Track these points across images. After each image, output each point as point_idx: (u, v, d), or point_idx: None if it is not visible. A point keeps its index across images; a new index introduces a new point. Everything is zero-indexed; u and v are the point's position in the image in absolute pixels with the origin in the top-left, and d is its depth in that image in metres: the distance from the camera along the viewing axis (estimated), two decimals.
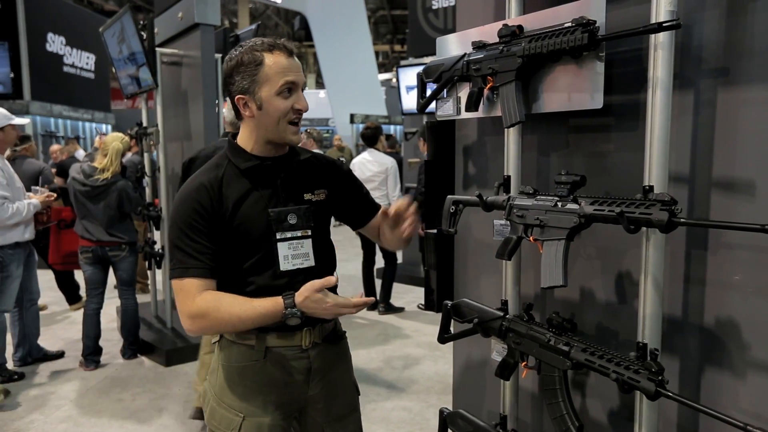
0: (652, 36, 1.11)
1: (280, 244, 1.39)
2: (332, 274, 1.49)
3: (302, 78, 1.38)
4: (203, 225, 1.35)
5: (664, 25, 1.05)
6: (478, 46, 1.51)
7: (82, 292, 4.13)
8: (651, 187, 1.12)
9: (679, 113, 1.21)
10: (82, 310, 4.06)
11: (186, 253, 1.34)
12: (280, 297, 1.31)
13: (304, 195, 1.46)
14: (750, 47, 1.12)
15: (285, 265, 1.40)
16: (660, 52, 1.10)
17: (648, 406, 1.16)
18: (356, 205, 1.61)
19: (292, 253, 1.41)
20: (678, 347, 1.28)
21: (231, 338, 1.44)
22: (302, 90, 1.39)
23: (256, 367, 1.42)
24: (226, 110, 3.28)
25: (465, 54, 1.55)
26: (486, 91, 1.52)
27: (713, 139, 1.19)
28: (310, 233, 1.44)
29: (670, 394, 1.07)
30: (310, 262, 1.43)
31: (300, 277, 1.40)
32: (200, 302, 1.32)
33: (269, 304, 1.30)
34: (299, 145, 1.51)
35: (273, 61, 1.33)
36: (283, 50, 1.35)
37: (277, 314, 1.30)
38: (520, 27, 1.40)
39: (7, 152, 4.12)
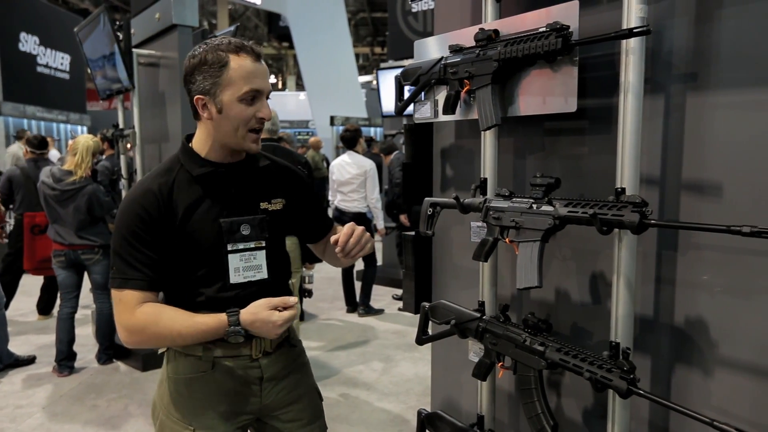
0: (624, 42, 1.13)
1: (231, 256, 1.34)
2: (286, 286, 1.46)
3: (268, 85, 1.32)
4: (147, 233, 1.28)
5: (634, 31, 1.08)
6: (455, 49, 1.52)
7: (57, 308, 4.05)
8: (623, 190, 1.15)
9: (650, 117, 1.24)
10: (53, 319, 3.99)
11: (127, 263, 1.28)
12: (224, 314, 1.26)
13: (261, 204, 1.40)
14: (717, 53, 1.15)
15: (235, 278, 1.34)
16: (631, 57, 1.13)
17: (620, 404, 1.19)
18: (312, 220, 1.57)
19: (244, 265, 1.35)
20: (650, 346, 1.31)
21: (178, 349, 1.39)
22: (267, 97, 1.33)
23: (204, 379, 1.37)
24: None
25: (442, 57, 1.56)
26: (463, 95, 1.53)
27: (683, 143, 1.22)
28: (264, 244, 1.38)
29: (642, 392, 1.09)
30: (263, 274, 1.38)
31: (252, 288, 1.36)
32: (139, 315, 1.27)
33: (212, 322, 1.26)
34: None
35: (238, 64, 1.26)
36: (250, 54, 1.28)
37: (219, 331, 1.26)
38: (496, 31, 1.42)
39: None
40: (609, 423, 1.21)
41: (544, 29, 1.26)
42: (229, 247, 1.34)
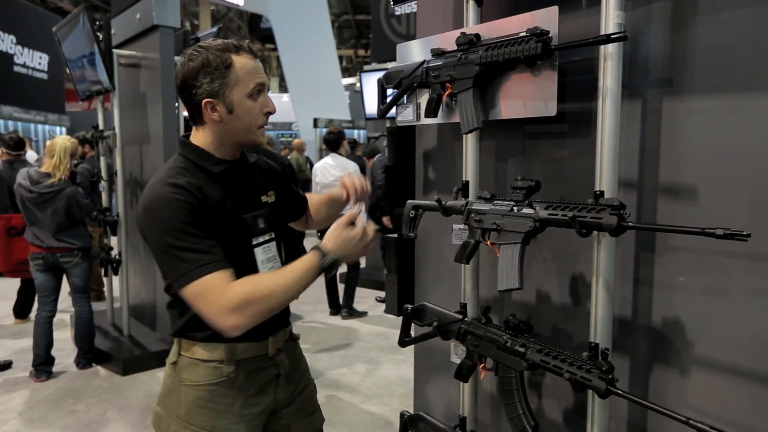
0: (602, 47, 1.15)
1: (256, 249, 1.37)
2: None
3: (267, 80, 1.38)
4: (198, 221, 1.23)
5: (612, 36, 1.10)
6: (437, 53, 1.54)
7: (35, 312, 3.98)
8: (602, 193, 1.17)
9: (627, 121, 1.27)
10: (31, 323, 3.92)
11: (195, 251, 1.20)
12: (310, 252, 1.26)
13: (261, 198, 1.44)
14: (692, 59, 1.18)
15: (263, 270, 1.37)
16: (609, 62, 1.15)
17: (599, 404, 1.20)
18: (293, 201, 1.63)
19: (266, 256, 1.39)
20: (628, 347, 1.33)
21: (195, 357, 1.36)
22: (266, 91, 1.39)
23: (227, 383, 1.36)
24: None
25: (424, 61, 1.58)
26: (445, 98, 1.54)
27: (659, 147, 1.24)
28: (274, 235, 1.44)
29: (620, 392, 1.11)
30: (279, 264, 1.40)
31: None
32: (236, 290, 1.19)
33: (306, 263, 1.25)
34: None
35: (242, 62, 1.29)
36: (248, 52, 1.33)
37: (316, 266, 1.25)
38: (477, 35, 1.43)
39: None
40: (588, 423, 1.23)
41: (524, 34, 1.28)
42: (254, 241, 1.37)
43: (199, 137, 1.36)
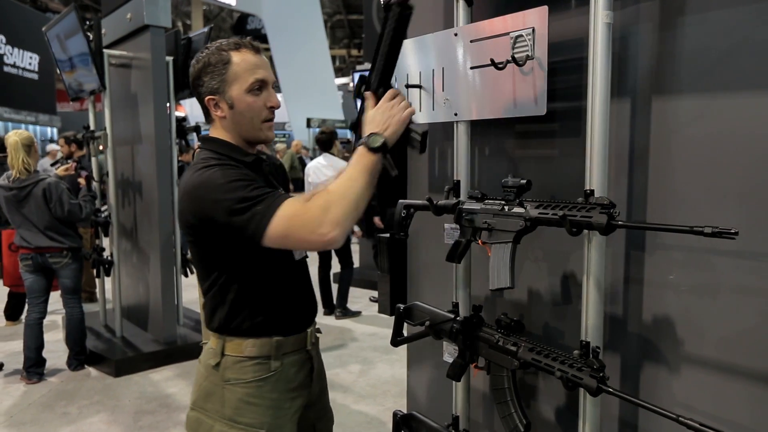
0: (591, 45, 1.16)
1: None
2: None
3: (271, 75, 1.38)
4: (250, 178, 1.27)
5: None
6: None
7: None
8: (592, 191, 1.17)
9: (617, 121, 1.27)
10: (22, 325, 3.89)
11: (261, 195, 1.20)
12: (360, 146, 1.25)
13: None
14: (680, 58, 1.19)
15: (297, 255, 1.43)
16: (598, 61, 1.15)
17: (591, 402, 1.21)
18: None
19: None
20: (619, 345, 1.33)
21: (242, 356, 1.36)
22: (272, 87, 1.38)
23: (274, 378, 1.38)
24: None
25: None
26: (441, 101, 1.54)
27: (649, 146, 1.25)
28: None
29: (611, 389, 1.11)
30: (302, 253, 1.46)
31: (303, 266, 1.47)
32: (316, 204, 1.19)
33: (355, 157, 1.24)
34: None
35: (241, 58, 1.32)
36: (249, 48, 1.34)
37: (363, 152, 1.24)
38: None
39: None
40: (580, 421, 1.23)
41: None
42: None
43: (215, 134, 1.40)
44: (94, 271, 4.53)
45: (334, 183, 1.23)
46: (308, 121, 13.43)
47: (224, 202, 1.21)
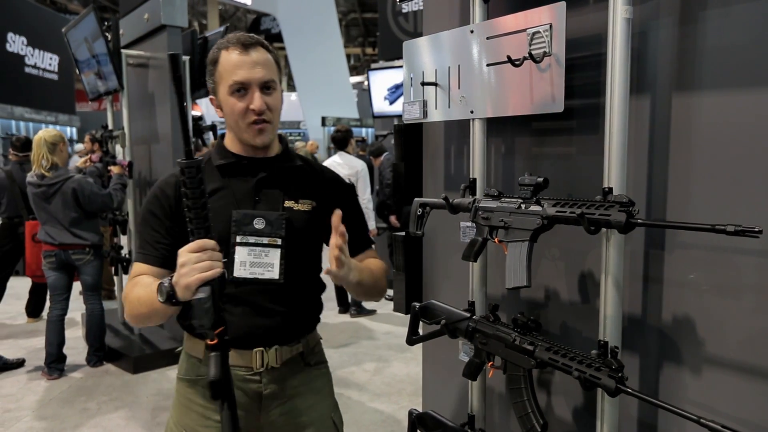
0: (610, 41, 1.14)
1: (238, 248, 1.28)
2: (307, 293, 1.38)
3: (256, 75, 1.27)
4: (161, 214, 1.32)
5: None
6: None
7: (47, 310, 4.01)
8: (610, 189, 1.16)
9: (636, 117, 1.25)
10: (43, 321, 3.96)
11: (143, 239, 1.33)
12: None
13: (285, 202, 1.36)
14: (701, 54, 1.16)
15: (240, 272, 1.27)
16: (617, 57, 1.13)
17: (609, 403, 1.19)
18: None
19: (252, 260, 1.29)
20: (638, 345, 1.32)
21: (185, 350, 1.39)
22: (266, 87, 1.29)
23: (203, 382, 1.32)
24: None
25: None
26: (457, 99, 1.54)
27: (669, 143, 1.23)
28: (279, 243, 1.31)
29: (630, 390, 1.10)
30: (273, 273, 1.29)
31: (258, 287, 1.29)
32: (129, 284, 1.29)
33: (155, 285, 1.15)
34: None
35: (225, 58, 1.27)
36: (236, 46, 1.27)
37: (155, 291, 1.14)
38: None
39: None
40: (598, 421, 1.22)
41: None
42: (238, 239, 1.28)
43: (227, 130, 1.41)
44: (113, 268, 4.59)
45: (143, 287, 1.23)
46: (323, 119, 13.45)
47: (140, 216, 1.40)
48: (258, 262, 1.28)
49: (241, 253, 1.29)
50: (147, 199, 1.36)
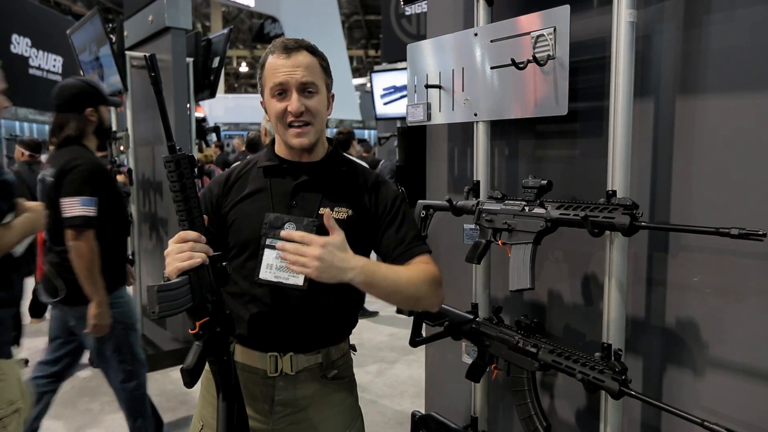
0: (614, 45, 1.14)
1: (267, 251, 1.28)
2: (335, 305, 1.36)
3: (294, 77, 1.28)
4: (207, 203, 1.38)
5: None
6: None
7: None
8: (614, 192, 1.16)
9: (640, 120, 1.25)
10: (47, 322, 3.97)
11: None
12: None
13: (320, 208, 1.31)
14: (705, 57, 1.17)
15: (265, 274, 1.27)
16: (621, 60, 1.14)
17: (612, 405, 1.19)
18: (386, 240, 1.36)
19: (279, 263, 1.26)
20: (641, 347, 1.32)
21: None
22: (305, 90, 1.29)
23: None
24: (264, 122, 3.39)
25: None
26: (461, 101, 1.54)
27: (672, 146, 1.23)
28: None
29: (633, 393, 1.10)
30: (298, 280, 1.26)
31: (282, 292, 1.28)
32: None
33: None
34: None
35: (269, 61, 1.31)
36: (279, 50, 1.30)
37: None
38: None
39: None
40: (601, 424, 1.22)
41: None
42: (267, 242, 1.29)
43: None
44: None
45: None
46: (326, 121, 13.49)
47: None
48: (284, 266, 1.25)
49: (268, 256, 1.28)
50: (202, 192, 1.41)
